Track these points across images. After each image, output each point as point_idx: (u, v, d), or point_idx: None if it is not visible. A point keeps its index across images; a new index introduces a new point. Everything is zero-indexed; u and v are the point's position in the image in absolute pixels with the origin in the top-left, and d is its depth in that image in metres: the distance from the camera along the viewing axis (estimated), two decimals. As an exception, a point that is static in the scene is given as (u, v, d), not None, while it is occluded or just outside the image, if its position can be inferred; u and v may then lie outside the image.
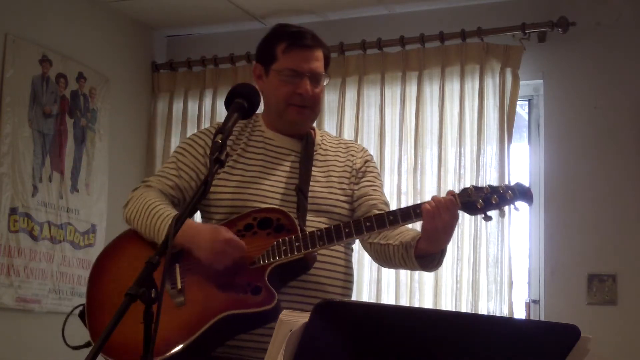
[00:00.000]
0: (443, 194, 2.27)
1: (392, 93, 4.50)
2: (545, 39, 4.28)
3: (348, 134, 4.53)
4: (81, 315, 2.36)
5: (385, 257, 2.40)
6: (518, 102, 4.25)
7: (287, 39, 2.43)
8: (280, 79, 2.42)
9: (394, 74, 4.50)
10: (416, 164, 4.34)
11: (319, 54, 2.46)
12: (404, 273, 4.22)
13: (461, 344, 1.45)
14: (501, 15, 4.34)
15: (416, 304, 4.16)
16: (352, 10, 4.65)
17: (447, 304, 4.13)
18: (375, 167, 2.59)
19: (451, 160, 4.28)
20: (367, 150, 2.60)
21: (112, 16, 4.79)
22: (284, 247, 2.23)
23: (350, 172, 2.50)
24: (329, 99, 4.63)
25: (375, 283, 4.28)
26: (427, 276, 4.20)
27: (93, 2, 4.66)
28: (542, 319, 4.11)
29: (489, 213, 2.21)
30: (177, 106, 4.98)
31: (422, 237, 2.26)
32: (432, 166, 4.33)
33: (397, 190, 4.33)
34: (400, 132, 4.42)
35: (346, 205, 2.46)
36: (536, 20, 4.22)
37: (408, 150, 4.39)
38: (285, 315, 1.35)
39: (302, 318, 1.32)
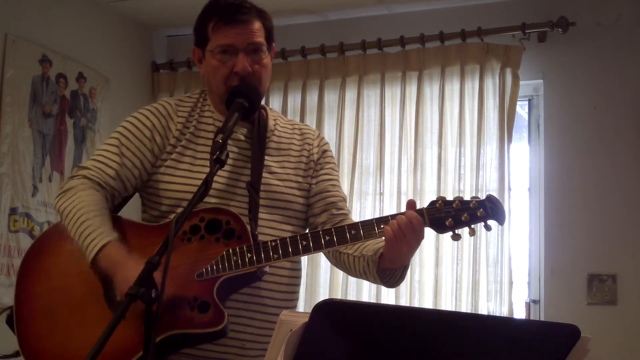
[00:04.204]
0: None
1: (392, 93, 4.50)
2: (545, 39, 4.28)
3: (348, 134, 4.53)
4: (9, 321, 2.17)
5: (344, 266, 2.25)
6: (518, 102, 4.24)
7: (215, 16, 2.20)
8: (215, 59, 2.20)
9: (394, 74, 4.50)
10: (416, 164, 4.33)
11: (254, 25, 2.22)
12: (404, 273, 4.21)
13: (461, 344, 1.45)
14: (501, 15, 4.34)
15: (416, 304, 4.15)
16: (352, 10, 4.65)
17: (447, 304, 4.12)
18: (332, 157, 2.40)
19: (451, 160, 4.28)
20: (323, 138, 2.40)
21: (112, 16, 4.79)
22: (235, 259, 2.02)
23: (306, 164, 2.32)
24: (329, 99, 4.64)
25: (375, 283, 4.27)
26: (427, 276, 4.20)
27: (93, 2, 4.65)
28: (542, 319, 4.12)
29: (457, 231, 2.01)
30: (177, 106, 4.98)
31: (384, 255, 2.08)
32: (432, 166, 4.33)
33: (397, 190, 4.33)
34: (400, 132, 4.42)
35: (302, 201, 2.28)
36: (536, 20, 4.22)
37: (408, 150, 4.38)
38: (285, 315, 1.35)
39: (302, 318, 1.32)
